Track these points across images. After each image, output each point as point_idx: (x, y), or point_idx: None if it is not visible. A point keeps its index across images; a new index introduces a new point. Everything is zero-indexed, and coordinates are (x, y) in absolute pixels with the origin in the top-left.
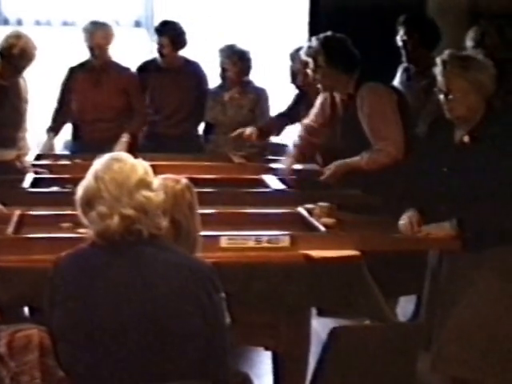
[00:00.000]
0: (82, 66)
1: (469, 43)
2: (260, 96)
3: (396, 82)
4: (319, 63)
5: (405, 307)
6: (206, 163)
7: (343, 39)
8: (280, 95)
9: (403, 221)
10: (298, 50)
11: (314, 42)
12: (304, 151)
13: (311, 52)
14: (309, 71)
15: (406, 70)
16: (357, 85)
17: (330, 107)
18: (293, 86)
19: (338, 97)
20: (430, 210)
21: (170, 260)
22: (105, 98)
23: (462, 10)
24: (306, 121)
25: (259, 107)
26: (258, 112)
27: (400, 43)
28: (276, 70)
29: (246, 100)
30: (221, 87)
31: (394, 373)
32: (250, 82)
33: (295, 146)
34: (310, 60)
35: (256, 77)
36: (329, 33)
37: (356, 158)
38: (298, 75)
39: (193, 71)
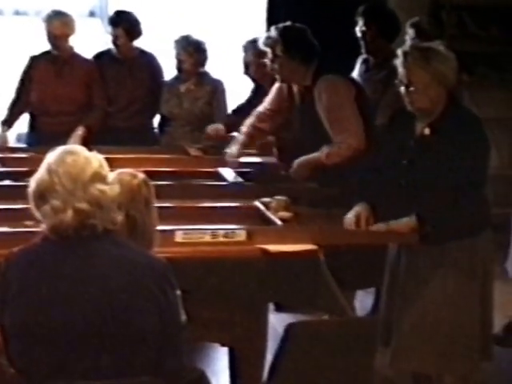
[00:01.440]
0: (43, 55)
1: (410, 32)
2: (217, 88)
3: (355, 73)
4: (277, 53)
5: (363, 301)
6: (162, 156)
7: (302, 29)
8: (238, 87)
9: (349, 215)
10: (252, 41)
11: (273, 31)
12: (252, 136)
13: (269, 42)
14: (267, 61)
15: (364, 61)
16: (315, 76)
17: (288, 96)
18: (247, 78)
19: (295, 87)
20: (386, 205)
21: (124, 256)
22: (67, 91)
23: (423, 1)
24: (260, 108)
25: (216, 99)
26: (215, 104)
27: (359, 34)
28: (234, 61)
29: (203, 92)
30: (176, 79)
31: (351, 368)
32: (206, 74)
33: (243, 132)
34: (268, 50)
35: (213, 68)
36: (288, 23)
37: (316, 154)
38: (250, 66)
39: (147, 62)
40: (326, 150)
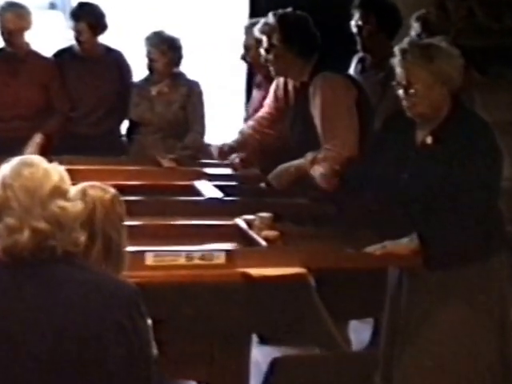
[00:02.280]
0: None
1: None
2: (192, 90)
3: None
4: (273, 42)
5: (360, 333)
6: (131, 167)
7: (304, 18)
8: (217, 89)
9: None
10: (254, 23)
11: (271, 17)
12: (250, 138)
13: (266, 29)
14: (261, 51)
15: (361, 60)
16: (313, 72)
17: (283, 94)
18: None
19: (290, 84)
20: (383, 224)
21: (87, 281)
22: (22, 93)
23: None
24: (260, 113)
25: (191, 103)
26: (190, 108)
27: (354, 29)
28: (213, 59)
29: (177, 95)
30: (147, 80)
31: None
32: (181, 74)
33: (240, 132)
34: (263, 38)
35: (188, 68)
36: (289, 9)
37: (300, 161)
38: (250, 51)
39: (115, 61)
40: (311, 156)
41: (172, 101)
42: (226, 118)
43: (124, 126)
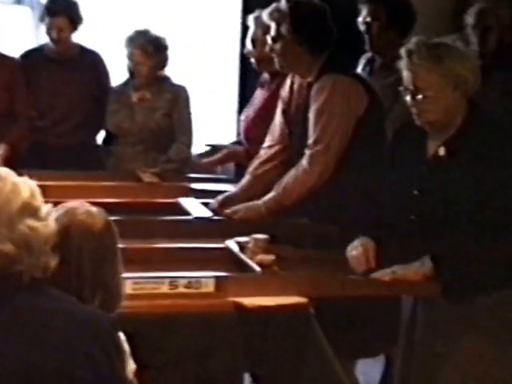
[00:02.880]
0: None
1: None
2: (178, 96)
3: None
4: (282, 32)
5: (369, 373)
6: (108, 183)
7: (320, 8)
8: (206, 93)
9: (355, 251)
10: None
11: (284, 3)
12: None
13: (276, 15)
14: (268, 39)
15: (369, 61)
16: (320, 72)
17: (288, 98)
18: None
19: (296, 83)
20: (392, 246)
21: (58, 311)
22: None
23: None
24: (262, 151)
25: (177, 110)
26: (176, 116)
27: (362, 27)
28: (202, 60)
29: (161, 101)
30: (127, 85)
31: None
32: (165, 79)
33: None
34: (272, 24)
35: (174, 71)
36: None
37: (269, 197)
38: (256, 45)
39: (90, 63)
40: (281, 185)
41: (155, 108)
42: (215, 126)
43: (100, 137)
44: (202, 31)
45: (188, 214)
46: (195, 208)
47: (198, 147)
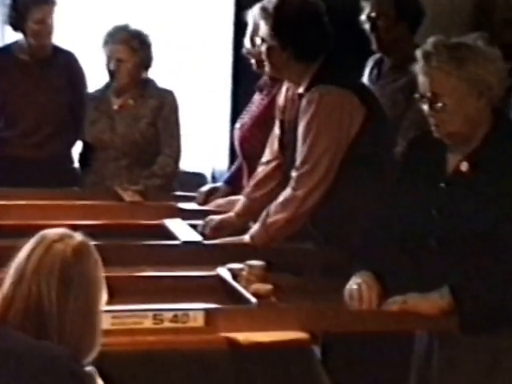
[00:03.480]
0: None
1: None
2: (164, 101)
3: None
4: (263, 35)
5: None
6: (85, 202)
7: (312, 8)
8: (196, 100)
9: (351, 285)
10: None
11: (273, 0)
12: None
13: (262, 14)
14: (257, 40)
15: (377, 63)
16: (312, 81)
17: (282, 108)
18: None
19: (290, 90)
20: (404, 274)
21: (10, 350)
22: None
23: None
24: (259, 170)
25: (163, 118)
26: (161, 125)
27: (366, 25)
28: (191, 63)
29: (145, 109)
30: (107, 90)
31: None
32: (150, 82)
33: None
34: (261, 23)
35: (158, 74)
36: None
37: (255, 230)
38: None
39: (65, 64)
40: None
41: (138, 116)
42: (205, 134)
43: (77, 150)
44: (191, 29)
45: (174, 237)
46: (182, 231)
47: (186, 160)
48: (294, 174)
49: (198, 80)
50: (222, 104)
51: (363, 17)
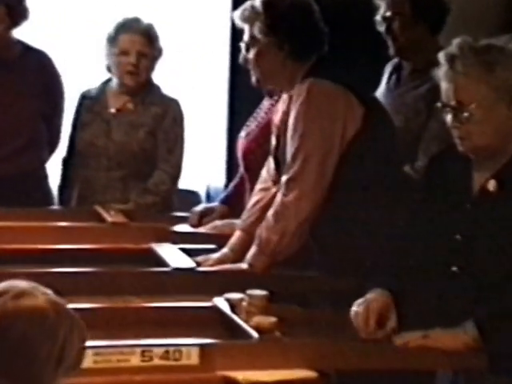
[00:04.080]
0: None
1: None
2: (168, 111)
3: (380, 90)
4: (255, 33)
5: None
6: (61, 223)
7: (304, 4)
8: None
9: (356, 306)
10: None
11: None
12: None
13: (248, 15)
14: (242, 45)
15: (395, 68)
16: (305, 78)
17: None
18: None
19: (286, 105)
20: (424, 305)
21: None
22: None
23: None
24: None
25: (163, 129)
26: (161, 136)
27: (381, 26)
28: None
29: (146, 116)
30: (103, 89)
31: None
32: (155, 87)
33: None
34: (245, 27)
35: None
36: None
37: (252, 253)
38: None
39: (38, 65)
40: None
41: (138, 124)
42: (200, 149)
43: (54, 162)
44: (184, 33)
45: (164, 263)
46: (173, 256)
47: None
48: (283, 178)
49: (192, 90)
50: (218, 115)
51: (378, 17)
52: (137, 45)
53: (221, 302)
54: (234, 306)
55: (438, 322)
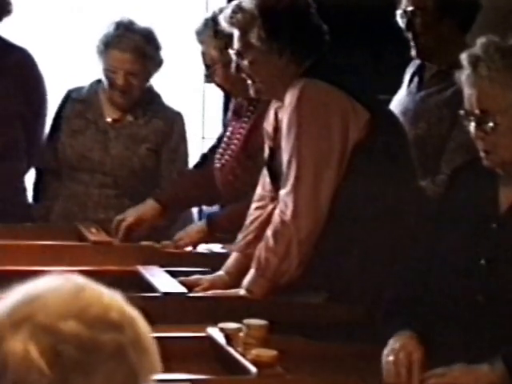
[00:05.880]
0: None
1: None
2: (173, 127)
3: (401, 94)
4: (251, 40)
5: None
6: (37, 242)
7: (302, 2)
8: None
9: (390, 356)
10: (213, 19)
11: (246, 1)
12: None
13: (239, 19)
14: (231, 53)
15: (418, 69)
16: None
17: (273, 134)
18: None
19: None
20: (446, 339)
21: None
22: None
23: None
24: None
25: (168, 147)
26: (166, 155)
27: (403, 22)
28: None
29: (148, 130)
30: (96, 91)
31: None
32: (156, 97)
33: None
34: (235, 32)
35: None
36: None
37: (249, 278)
38: (214, 65)
39: (15, 64)
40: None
41: (139, 138)
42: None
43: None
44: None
45: (152, 288)
46: (162, 280)
47: None
48: (281, 192)
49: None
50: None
51: (399, 12)
52: (126, 64)
53: (215, 333)
54: (229, 336)
55: (463, 357)
